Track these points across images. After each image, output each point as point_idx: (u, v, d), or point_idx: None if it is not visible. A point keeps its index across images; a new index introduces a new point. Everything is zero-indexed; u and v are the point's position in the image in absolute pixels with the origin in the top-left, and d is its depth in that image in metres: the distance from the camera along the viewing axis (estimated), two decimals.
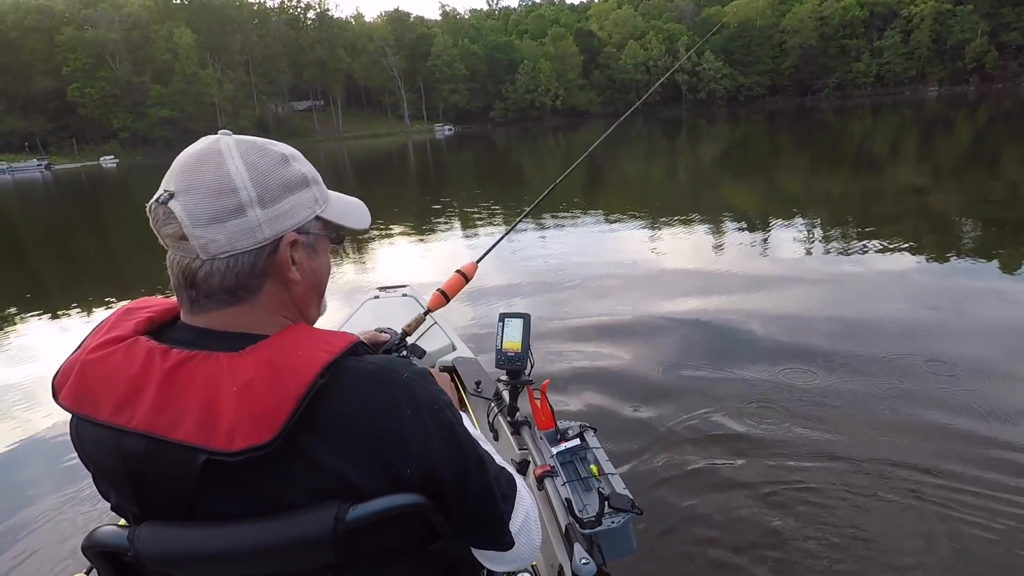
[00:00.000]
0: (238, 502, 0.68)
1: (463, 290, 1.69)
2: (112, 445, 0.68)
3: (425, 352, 1.13)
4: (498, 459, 0.86)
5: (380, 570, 0.76)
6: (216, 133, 0.73)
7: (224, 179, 0.68)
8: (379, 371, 0.72)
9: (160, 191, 0.69)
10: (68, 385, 0.69)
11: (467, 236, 9.15)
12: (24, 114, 64.68)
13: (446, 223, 10.42)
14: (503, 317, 1.71)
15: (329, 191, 0.83)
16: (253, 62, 74.45)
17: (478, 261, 1.71)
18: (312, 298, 0.80)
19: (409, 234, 9.68)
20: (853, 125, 30.77)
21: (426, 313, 1.33)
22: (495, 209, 11.20)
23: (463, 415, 0.83)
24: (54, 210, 21.03)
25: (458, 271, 1.53)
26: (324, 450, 0.68)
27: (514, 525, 0.81)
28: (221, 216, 0.68)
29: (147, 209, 0.70)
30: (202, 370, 0.66)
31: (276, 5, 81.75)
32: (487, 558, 0.85)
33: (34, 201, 25.49)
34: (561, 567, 1.30)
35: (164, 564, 0.69)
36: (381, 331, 1.33)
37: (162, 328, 0.75)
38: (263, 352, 0.68)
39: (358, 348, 0.74)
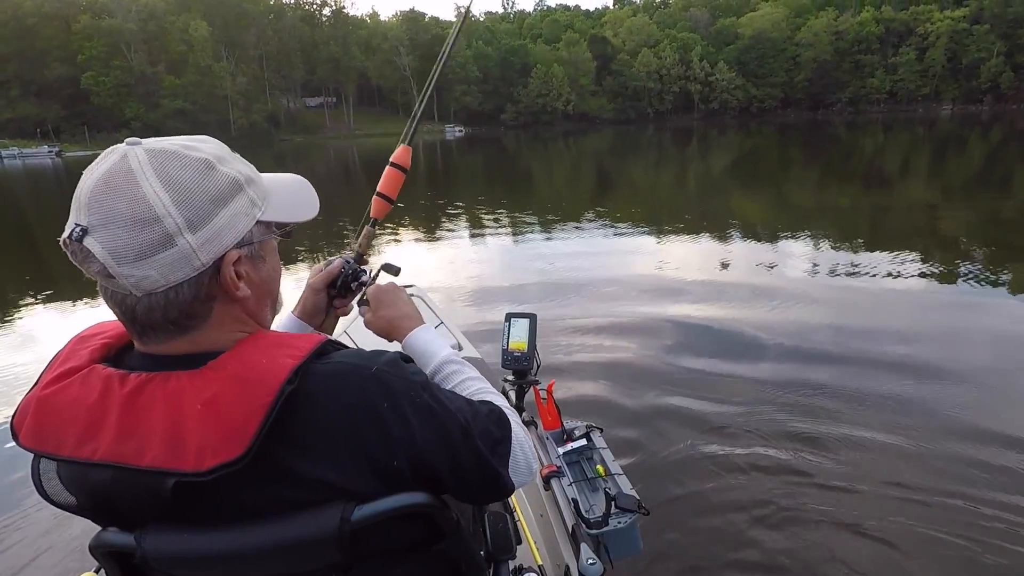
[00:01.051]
0: (217, 517, 0.67)
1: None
2: (78, 481, 0.66)
3: (400, 269, 1.04)
4: (482, 395, 0.84)
5: (385, 570, 0.76)
6: (125, 141, 0.65)
7: (141, 207, 0.60)
8: (349, 370, 0.69)
9: (71, 224, 0.61)
10: (27, 424, 0.66)
11: (476, 237, 9.09)
12: (38, 100, 65.03)
13: (452, 223, 10.37)
14: (509, 317, 1.70)
15: (264, 177, 0.76)
16: (267, 57, 74.76)
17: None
18: (265, 305, 0.76)
19: (416, 233, 9.63)
20: (865, 141, 30.64)
21: (373, 224, 1.14)
22: (503, 212, 11.14)
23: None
24: (63, 196, 21.10)
25: (391, 163, 1.20)
26: (302, 460, 0.66)
27: (513, 465, 0.79)
28: (147, 251, 0.61)
29: (61, 244, 0.62)
30: (163, 391, 0.63)
31: (292, 1, 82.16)
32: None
33: (43, 187, 25.60)
34: (568, 567, 1.29)
35: (171, 565, 0.68)
36: (329, 263, 1.06)
37: (121, 354, 0.72)
38: (225, 365, 0.65)
39: (326, 348, 0.71)
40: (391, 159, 1.20)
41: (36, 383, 0.69)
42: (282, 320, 1.00)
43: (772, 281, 5.96)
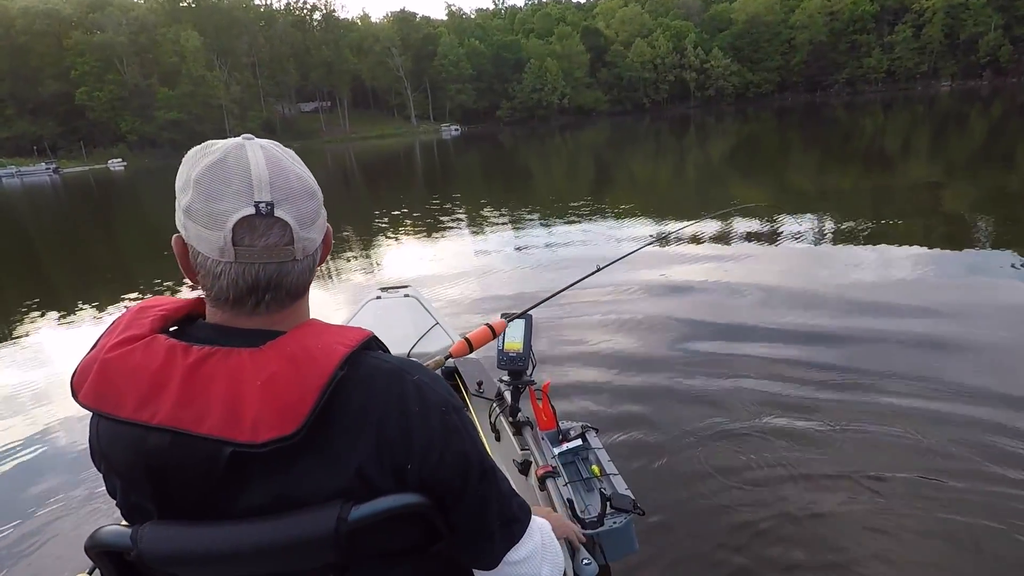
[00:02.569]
0: (261, 496, 0.69)
1: (479, 329, 1.65)
2: (134, 442, 0.68)
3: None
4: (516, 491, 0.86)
5: (382, 570, 0.76)
6: (239, 136, 0.74)
7: (308, 182, 0.73)
8: (394, 369, 0.74)
9: (244, 204, 0.67)
10: (88, 383, 0.69)
11: (473, 237, 8.95)
12: (34, 118, 65.26)
13: (452, 224, 10.23)
14: (505, 317, 1.69)
15: None
16: (260, 64, 74.74)
17: (509, 321, 1.66)
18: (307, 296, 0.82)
19: (414, 234, 9.51)
20: (864, 121, 30.33)
21: (447, 358, 1.37)
22: (502, 211, 10.99)
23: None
24: (62, 213, 21.05)
25: (488, 325, 1.51)
26: (343, 444, 0.69)
27: (516, 554, 0.81)
28: (314, 217, 0.73)
29: (228, 228, 0.67)
30: (224, 366, 0.67)
31: (282, 7, 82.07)
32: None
33: (43, 204, 25.54)
34: (563, 568, 1.31)
35: (168, 564, 0.69)
36: None
37: (180, 327, 0.77)
38: (284, 347, 0.69)
39: (371, 343, 0.76)
40: (491, 322, 1.50)
41: (95, 346, 0.72)
42: None
43: (774, 269, 5.81)
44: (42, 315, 6.32)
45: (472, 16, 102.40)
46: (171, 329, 0.75)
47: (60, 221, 18.17)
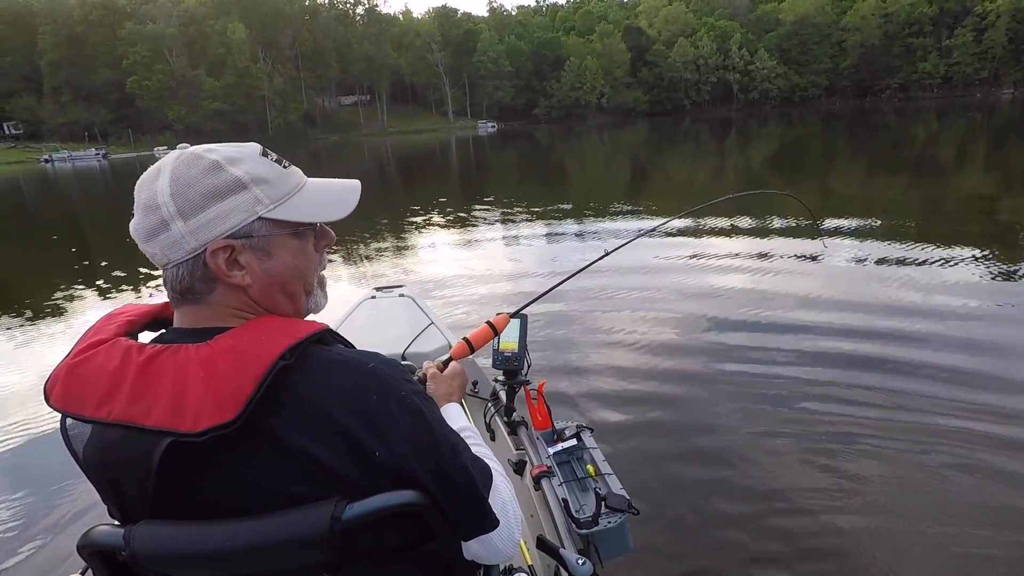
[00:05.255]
0: (213, 487, 0.70)
1: (484, 341, 1.48)
2: (96, 440, 0.72)
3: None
4: (476, 449, 0.87)
5: (376, 569, 0.77)
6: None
7: (152, 197, 0.73)
8: (345, 360, 0.75)
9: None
10: (57, 388, 0.71)
11: (506, 236, 8.71)
12: (87, 105, 67.74)
13: (485, 222, 10.04)
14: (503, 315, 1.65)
15: (312, 180, 0.84)
16: (302, 57, 75.90)
17: (511, 315, 1.54)
18: (276, 297, 0.80)
19: (446, 232, 9.37)
20: (916, 129, 28.93)
21: (447, 361, 1.28)
22: (534, 211, 10.70)
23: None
24: (108, 196, 21.69)
25: (488, 322, 1.41)
26: (288, 430, 0.69)
27: (493, 507, 0.81)
28: (152, 232, 0.73)
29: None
30: (172, 361, 0.69)
31: (326, 1, 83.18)
32: (475, 552, 0.84)
33: (91, 189, 26.45)
34: (558, 567, 1.32)
35: (160, 563, 0.69)
36: None
37: (157, 329, 0.83)
38: (228, 340, 0.71)
39: (326, 336, 0.77)
40: (492, 319, 1.41)
41: (68, 354, 0.75)
42: None
43: (790, 276, 5.57)
44: (84, 290, 6.38)
45: (513, 13, 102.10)
46: (158, 335, 0.80)
47: (105, 203, 18.67)
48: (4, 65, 64.48)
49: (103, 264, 8.07)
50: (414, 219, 10.69)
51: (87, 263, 8.40)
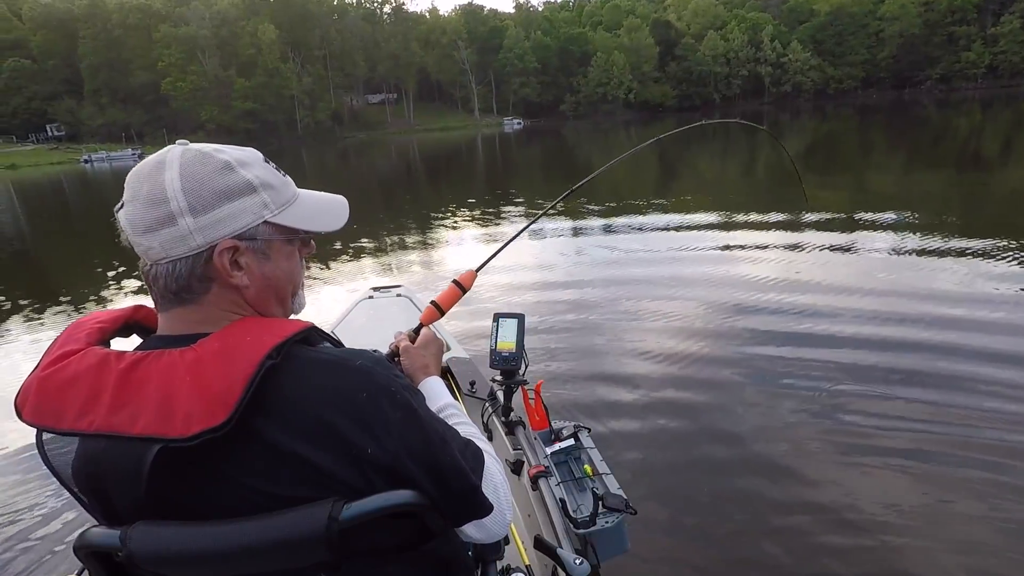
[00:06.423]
0: (205, 491, 0.69)
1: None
2: (76, 452, 0.71)
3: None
4: (464, 430, 0.87)
5: (374, 568, 0.77)
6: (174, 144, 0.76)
7: (158, 190, 0.71)
8: (332, 358, 0.74)
9: (121, 200, 0.74)
10: (29, 402, 0.70)
11: (533, 234, 8.56)
12: (124, 106, 69.80)
13: (508, 219, 9.92)
14: (498, 317, 1.68)
15: (304, 192, 0.85)
16: (330, 56, 76.75)
17: (477, 269, 1.47)
18: (268, 299, 0.81)
19: (471, 228, 9.34)
20: (959, 121, 27.74)
21: (418, 328, 1.25)
22: (559, 207, 10.50)
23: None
24: None
25: (454, 281, 1.35)
26: (279, 431, 0.68)
27: (486, 491, 0.82)
28: (154, 225, 0.71)
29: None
30: (156, 367, 0.68)
31: (354, 1, 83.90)
32: (469, 533, 0.84)
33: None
34: (555, 567, 1.34)
35: (157, 564, 0.68)
36: None
37: (127, 337, 0.82)
38: (214, 342, 0.70)
39: (311, 335, 0.77)
40: (457, 277, 1.36)
41: (36, 367, 0.73)
42: None
43: (799, 274, 5.38)
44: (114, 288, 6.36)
45: (540, 9, 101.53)
46: (142, 343, 0.79)
47: None
48: (48, 69, 66.97)
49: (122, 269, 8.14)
50: (438, 216, 10.65)
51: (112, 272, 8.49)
